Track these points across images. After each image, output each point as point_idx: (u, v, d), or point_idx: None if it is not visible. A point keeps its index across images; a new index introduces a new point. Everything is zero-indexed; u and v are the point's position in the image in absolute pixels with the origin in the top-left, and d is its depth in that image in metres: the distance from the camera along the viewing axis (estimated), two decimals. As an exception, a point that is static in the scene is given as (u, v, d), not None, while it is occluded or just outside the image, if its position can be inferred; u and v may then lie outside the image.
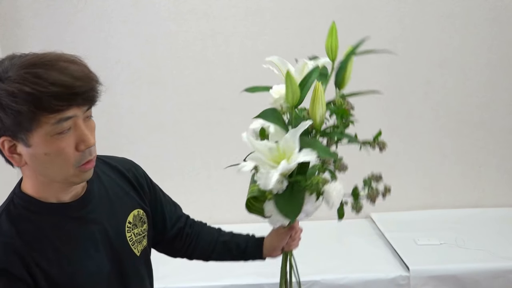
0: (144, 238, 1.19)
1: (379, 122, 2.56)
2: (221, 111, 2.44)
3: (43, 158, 0.94)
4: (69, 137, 0.94)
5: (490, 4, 2.41)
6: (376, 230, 2.36)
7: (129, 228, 1.14)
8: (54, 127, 0.91)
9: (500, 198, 2.64)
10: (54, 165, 0.95)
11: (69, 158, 0.95)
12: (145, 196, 1.23)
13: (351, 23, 2.32)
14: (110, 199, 1.13)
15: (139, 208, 1.19)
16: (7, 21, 2.26)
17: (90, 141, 0.96)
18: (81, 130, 0.95)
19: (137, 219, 1.17)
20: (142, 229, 1.18)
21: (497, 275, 1.98)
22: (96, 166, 1.11)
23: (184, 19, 2.31)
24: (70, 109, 0.92)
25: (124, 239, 1.12)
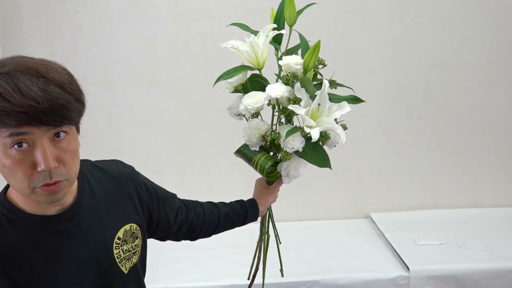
0: (135, 255, 1.13)
1: (379, 122, 2.57)
2: (221, 111, 2.44)
3: (2, 170, 0.89)
4: (27, 154, 0.87)
5: (490, 4, 2.41)
6: (376, 230, 2.36)
7: (117, 245, 1.08)
8: (6, 140, 0.85)
9: (500, 198, 2.65)
10: (13, 179, 0.89)
11: (25, 176, 0.88)
12: (143, 206, 1.18)
13: (351, 23, 2.32)
14: (100, 213, 1.07)
15: (132, 223, 1.13)
16: (7, 21, 2.26)
17: (45, 164, 0.86)
18: (38, 151, 0.87)
19: (128, 235, 1.12)
20: (133, 245, 1.13)
21: (497, 275, 1.99)
22: (91, 175, 1.08)
23: (184, 19, 2.31)
24: (23, 126, 0.84)
25: (110, 256, 1.07)
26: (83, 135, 1.05)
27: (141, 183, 1.20)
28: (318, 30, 2.29)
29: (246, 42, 1.31)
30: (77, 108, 0.91)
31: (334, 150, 1.27)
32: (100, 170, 1.14)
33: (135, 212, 1.15)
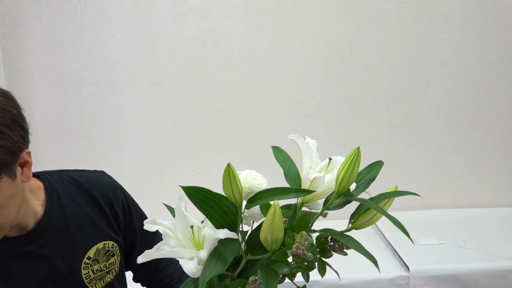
0: (109, 274, 1.09)
1: (379, 122, 2.57)
2: (221, 111, 2.44)
3: None
4: None
5: (490, 4, 2.41)
6: (376, 230, 2.36)
7: (86, 265, 1.04)
8: None
9: (500, 198, 2.65)
10: None
11: None
12: (119, 224, 1.12)
13: (351, 23, 2.32)
14: (69, 232, 1.02)
15: (108, 240, 1.08)
16: (7, 21, 2.26)
17: None
18: None
19: (101, 254, 1.07)
20: (107, 264, 1.08)
21: (497, 275, 1.98)
22: (63, 189, 1.03)
23: (184, 19, 2.31)
24: None
25: (78, 277, 1.03)
26: (83, 135, 1.04)
27: (120, 201, 1.13)
28: (318, 30, 2.29)
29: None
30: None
31: (335, 150, 1.27)
32: (75, 184, 1.07)
33: (111, 229, 1.10)
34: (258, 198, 0.79)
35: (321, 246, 0.83)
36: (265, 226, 0.75)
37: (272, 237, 0.75)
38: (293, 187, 0.83)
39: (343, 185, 0.81)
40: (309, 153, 0.86)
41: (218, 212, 0.78)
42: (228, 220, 0.79)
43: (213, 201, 0.79)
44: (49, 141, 2.35)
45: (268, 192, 0.79)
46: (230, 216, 0.79)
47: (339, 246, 0.83)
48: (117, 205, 1.11)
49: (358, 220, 0.86)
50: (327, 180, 0.82)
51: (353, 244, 0.81)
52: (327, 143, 2.43)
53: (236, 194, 0.77)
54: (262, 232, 0.75)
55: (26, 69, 1.44)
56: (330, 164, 0.85)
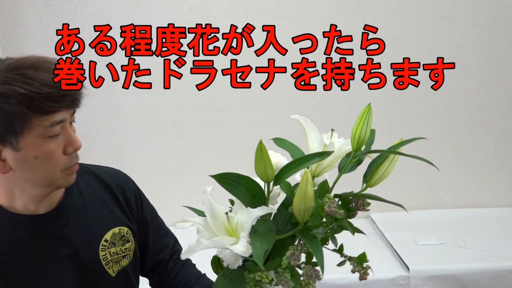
0: (125, 258, 1.12)
1: (379, 122, 2.57)
2: (221, 111, 2.44)
3: (32, 162, 0.91)
4: (58, 141, 0.93)
5: (490, 4, 2.41)
6: (376, 230, 2.36)
7: (104, 247, 1.08)
8: (46, 130, 0.90)
9: (500, 198, 2.64)
10: (42, 168, 0.93)
11: (58, 161, 0.94)
12: (132, 213, 1.17)
13: (351, 23, 2.32)
14: (87, 214, 1.07)
15: (122, 226, 1.12)
16: (7, 21, 2.26)
17: (77, 144, 0.96)
18: (69, 134, 0.95)
19: (117, 238, 1.11)
20: (123, 248, 1.11)
21: (497, 275, 1.98)
22: (80, 177, 1.08)
23: (184, 19, 2.31)
24: (60, 112, 0.91)
25: (96, 258, 1.06)
26: (83, 135, 1.06)
27: (133, 192, 1.18)
28: (318, 30, 2.29)
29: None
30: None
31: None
32: (91, 173, 1.14)
33: (125, 217, 1.14)
34: (285, 171, 0.83)
35: (346, 205, 0.87)
36: (298, 196, 0.78)
37: (305, 205, 0.79)
38: (314, 153, 0.87)
39: (360, 142, 0.88)
40: (312, 127, 0.94)
41: (247, 193, 0.83)
42: (258, 199, 0.83)
43: (243, 183, 0.83)
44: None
45: (293, 163, 0.83)
46: (259, 194, 0.84)
47: (361, 204, 0.88)
48: (130, 195, 1.16)
49: (372, 177, 0.91)
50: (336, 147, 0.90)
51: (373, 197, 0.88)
52: (327, 143, 2.43)
53: (268, 171, 0.82)
54: (296, 203, 0.79)
55: (26, 69, 1.49)
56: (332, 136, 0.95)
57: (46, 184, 0.96)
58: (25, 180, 0.95)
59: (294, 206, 0.80)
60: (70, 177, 0.98)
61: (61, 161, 0.94)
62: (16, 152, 0.90)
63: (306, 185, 0.77)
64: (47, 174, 0.94)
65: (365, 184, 0.92)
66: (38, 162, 0.92)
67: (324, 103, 2.43)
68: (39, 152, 0.91)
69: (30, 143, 0.90)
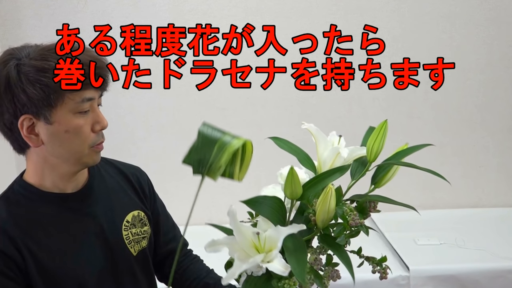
0: (144, 239, 1.18)
1: (379, 122, 2.57)
2: (221, 111, 2.44)
3: (62, 136, 0.99)
4: (87, 117, 1.02)
5: (490, 4, 2.41)
6: (376, 230, 2.36)
7: (126, 227, 1.15)
8: (77, 105, 0.99)
9: (500, 198, 2.64)
10: (72, 143, 1.01)
11: (86, 137, 1.02)
12: (146, 201, 1.24)
13: (351, 23, 2.32)
14: (109, 197, 1.15)
15: (139, 210, 1.19)
16: (7, 21, 2.26)
17: (104, 122, 1.06)
18: (97, 112, 1.04)
19: (137, 220, 1.18)
20: (142, 230, 1.18)
21: (497, 275, 1.98)
22: (101, 165, 1.17)
23: (184, 19, 2.31)
24: (90, 90, 1.01)
25: (119, 236, 1.13)
26: (83, 135, 1.08)
27: (146, 182, 1.27)
28: (318, 30, 2.29)
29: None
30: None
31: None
32: (107, 163, 1.24)
33: (141, 202, 1.22)
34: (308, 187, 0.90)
35: (363, 211, 0.95)
36: (322, 209, 0.86)
37: (328, 217, 0.87)
38: (334, 168, 0.93)
39: (376, 155, 0.96)
40: (323, 137, 1.00)
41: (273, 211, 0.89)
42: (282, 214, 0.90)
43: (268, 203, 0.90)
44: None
45: (315, 179, 0.91)
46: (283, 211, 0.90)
47: (373, 206, 0.96)
48: (144, 184, 1.26)
49: (381, 180, 0.98)
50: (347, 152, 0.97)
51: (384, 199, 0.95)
52: (327, 143, 2.43)
53: (298, 192, 0.89)
54: (319, 215, 0.87)
55: (26, 69, 1.50)
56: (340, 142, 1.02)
57: (75, 159, 1.03)
58: (55, 155, 1.02)
59: (318, 217, 0.88)
60: (96, 155, 1.06)
61: (89, 137, 1.02)
62: (49, 125, 0.98)
63: (330, 200, 0.85)
64: (76, 149, 1.02)
65: (373, 186, 0.98)
66: (68, 136, 1.00)
67: (324, 103, 2.43)
68: (69, 126, 0.99)
69: (62, 116, 0.98)
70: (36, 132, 0.99)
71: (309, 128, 0.98)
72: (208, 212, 2.48)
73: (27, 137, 0.99)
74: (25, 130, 0.98)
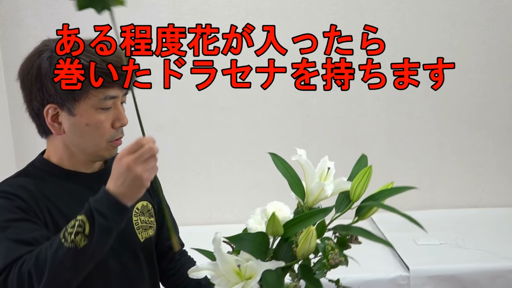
0: (151, 229, 1.22)
1: (379, 122, 2.57)
2: (221, 111, 2.44)
3: (83, 128, 1.05)
4: (109, 114, 1.07)
5: (490, 4, 2.41)
6: (376, 230, 2.36)
7: (136, 213, 1.19)
8: (99, 102, 1.04)
9: (500, 198, 2.64)
10: (91, 136, 1.06)
11: (105, 132, 1.07)
12: (154, 195, 1.27)
13: (351, 23, 2.32)
14: None
15: (147, 201, 1.23)
16: (7, 21, 2.26)
17: (124, 120, 1.10)
18: (119, 110, 1.09)
19: (145, 209, 1.22)
20: (149, 220, 1.22)
21: (497, 275, 1.98)
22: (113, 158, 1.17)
23: (184, 19, 2.31)
24: (114, 88, 1.05)
25: (130, 221, 1.16)
26: (83, 135, 1.07)
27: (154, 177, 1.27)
28: (318, 30, 2.29)
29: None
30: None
31: (335, 150, 1.27)
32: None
33: (149, 195, 1.26)
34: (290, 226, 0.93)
35: (344, 243, 1.00)
36: (302, 247, 0.90)
37: (308, 252, 0.92)
38: (318, 210, 0.96)
39: (359, 196, 0.98)
40: (311, 169, 1.00)
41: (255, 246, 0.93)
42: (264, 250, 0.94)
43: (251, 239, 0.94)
44: (49, 141, 2.41)
45: (298, 219, 0.93)
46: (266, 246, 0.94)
47: (355, 238, 0.99)
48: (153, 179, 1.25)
49: (365, 214, 0.99)
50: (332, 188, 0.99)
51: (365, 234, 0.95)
52: (327, 143, 2.43)
53: (279, 232, 0.93)
54: (300, 251, 0.91)
55: (26, 69, 1.51)
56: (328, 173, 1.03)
57: (92, 152, 1.09)
58: (74, 145, 1.08)
59: (299, 251, 0.91)
60: (113, 149, 1.11)
61: (108, 132, 1.07)
62: (71, 116, 1.04)
63: (311, 239, 0.89)
64: (94, 142, 1.07)
65: (357, 217, 0.99)
66: (88, 129, 1.05)
67: (324, 103, 2.43)
68: (90, 120, 1.04)
69: (84, 110, 1.03)
70: (59, 121, 1.05)
71: (299, 159, 1.00)
72: (208, 212, 2.48)
73: (51, 124, 1.05)
74: (50, 118, 1.04)
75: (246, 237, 0.94)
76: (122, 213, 0.94)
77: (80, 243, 0.90)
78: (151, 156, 1.01)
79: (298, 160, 1.01)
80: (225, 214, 2.47)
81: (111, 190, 0.94)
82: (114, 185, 0.94)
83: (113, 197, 0.93)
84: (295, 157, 1.01)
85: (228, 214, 2.45)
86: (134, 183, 0.95)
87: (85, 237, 0.90)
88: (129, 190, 0.94)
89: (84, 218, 0.91)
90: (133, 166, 0.96)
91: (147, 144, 1.02)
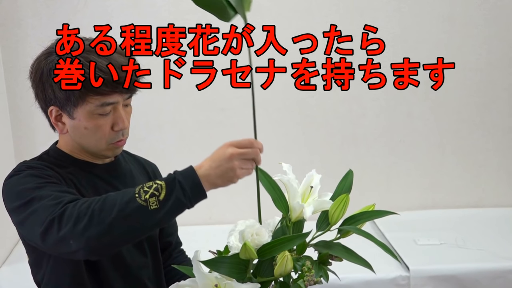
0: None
1: (379, 122, 2.57)
2: (221, 111, 2.44)
3: (82, 131, 1.09)
4: (108, 118, 1.09)
5: (490, 4, 2.41)
6: (376, 230, 2.36)
7: None
8: (97, 108, 1.06)
9: (500, 198, 2.65)
10: (91, 138, 1.10)
11: (104, 135, 1.10)
12: None
13: (351, 23, 2.32)
14: (131, 175, 1.25)
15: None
16: (7, 21, 2.26)
17: (124, 124, 1.11)
18: (118, 114, 1.10)
19: None
20: None
21: (497, 275, 1.98)
22: (121, 155, 1.27)
23: (184, 19, 2.31)
24: (113, 95, 1.06)
25: None
26: (83, 135, 1.08)
27: (159, 175, 1.37)
28: (318, 30, 2.29)
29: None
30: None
31: (335, 150, 1.26)
32: (127, 153, 1.33)
33: None
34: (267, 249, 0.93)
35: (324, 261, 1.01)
36: (279, 268, 0.92)
37: (285, 273, 0.93)
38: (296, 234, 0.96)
39: (336, 221, 1.00)
40: (291, 187, 1.01)
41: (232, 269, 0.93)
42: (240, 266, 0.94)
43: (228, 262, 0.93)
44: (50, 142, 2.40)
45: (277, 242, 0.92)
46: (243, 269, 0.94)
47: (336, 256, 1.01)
48: (158, 175, 1.37)
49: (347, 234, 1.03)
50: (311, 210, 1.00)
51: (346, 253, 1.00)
52: (326, 143, 2.43)
53: (253, 257, 0.92)
54: (277, 270, 0.92)
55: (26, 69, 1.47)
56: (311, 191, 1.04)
57: (94, 151, 1.14)
58: (79, 144, 1.13)
59: (276, 271, 0.92)
60: (116, 149, 1.15)
61: (108, 135, 1.10)
62: (71, 119, 1.09)
63: (286, 263, 0.91)
64: (94, 143, 1.11)
65: (339, 235, 1.01)
66: (87, 132, 1.09)
67: (324, 103, 2.43)
68: (88, 125, 1.08)
69: (82, 115, 1.07)
70: (63, 121, 1.10)
71: (281, 179, 1.00)
72: (208, 211, 2.48)
73: (55, 123, 1.11)
74: (54, 118, 1.10)
75: (222, 260, 0.94)
76: (199, 196, 0.97)
77: (151, 205, 0.91)
78: (253, 159, 1.00)
79: (280, 179, 1.00)
80: (225, 214, 2.47)
81: (201, 170, 0.97)
82: (208, 166, 0.98)
83: (198, 179, 0.96)
84: (278, 176, 1.01)
85: (228, 214, 2.45)
86: (227, 173, 0.97)
87: (158, 202, 0.91)
88: (217, 177, 0.97)
89: (163, 184, 0.93)
90: (235, 158, 0.97)
91: (256, 147, 1.01)
